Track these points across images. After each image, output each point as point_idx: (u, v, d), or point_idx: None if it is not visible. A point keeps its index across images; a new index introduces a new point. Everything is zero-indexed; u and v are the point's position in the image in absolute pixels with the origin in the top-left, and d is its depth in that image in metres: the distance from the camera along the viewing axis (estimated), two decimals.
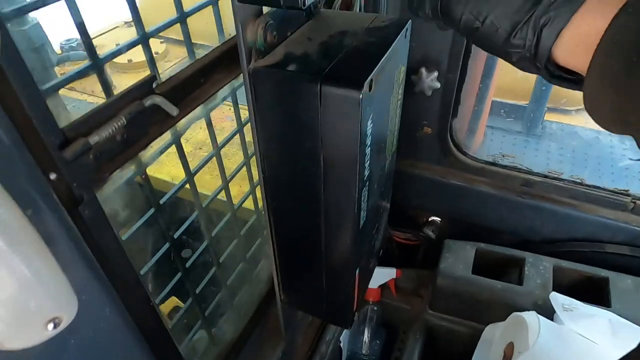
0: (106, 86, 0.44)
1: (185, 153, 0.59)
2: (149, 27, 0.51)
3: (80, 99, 2.11)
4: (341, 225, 0.58)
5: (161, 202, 0.56)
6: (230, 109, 0.69)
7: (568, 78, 0.31)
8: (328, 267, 0.65)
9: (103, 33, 2.78)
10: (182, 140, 0.59)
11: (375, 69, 0.47)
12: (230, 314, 0.82)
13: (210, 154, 0.65)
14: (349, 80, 0.45)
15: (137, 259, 0.49)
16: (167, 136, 0.55)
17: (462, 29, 0.34)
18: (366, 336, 1.09)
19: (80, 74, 0.41)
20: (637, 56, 0.24)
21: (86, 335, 0.38)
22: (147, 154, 0.49)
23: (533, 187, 1.03)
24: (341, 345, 1.06)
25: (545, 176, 1.03)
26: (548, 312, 0.86)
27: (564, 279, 1.00)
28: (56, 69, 2.19)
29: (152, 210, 0.55)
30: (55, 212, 0.34)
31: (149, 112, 0.44)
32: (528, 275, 0.97)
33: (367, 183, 0.57)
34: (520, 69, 0.33)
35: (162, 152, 0.52)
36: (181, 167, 0.59)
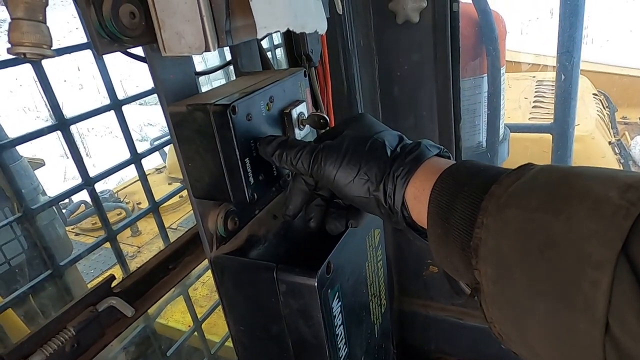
0: (67, 287, 0.45)
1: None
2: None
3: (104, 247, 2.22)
4: None
5: None
6: None
7: (418, 231, 0.40)
8: None
9: (136, 180, 3.02)
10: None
11: (333, 251, 0.46)
12: None
13: (191, 330, 0.63)
14: (304, 266, 0.44)
15: None
16: (140, 322, 0.54)
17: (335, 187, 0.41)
18: None
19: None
20: (447, 220, 0.33)
21: None
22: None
23: None
24: None
25: None
26: None
27: None
28: (89, 219, 2.34)
29: None
30: None
31: (104, 315, 0.44)
32: None
33: None
34: (382, 217, 0.41)
35: (127, 346, 0.51)
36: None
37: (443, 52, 0.81)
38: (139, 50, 0.41)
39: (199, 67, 0.61)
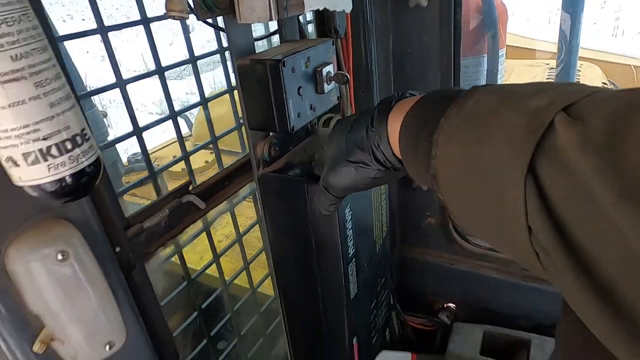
0: (158, 189, 0.63)
1: (216, 242, 0.76)
2: (198, 141, 0.71)
3: (137, 203, 2.44)
4: (334, 296, 0.70)
5: (192, 277, 0.72)
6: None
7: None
8: (328, 336, 0.76)
9: (165, 146, 3.23)
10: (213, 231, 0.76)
11: None
12: None
13: (235, 240, 0.82)
14: None
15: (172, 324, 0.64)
16: (199, 225, 0.72)
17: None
18: None
19: (141, 183, 0.61)
20: (415, 155, 0.39)
21: None
22: (183, 237, 0.67)
23: None
24: None
25: None
26: None
27: None
28: (123, 178, 2.56)
29: (185, 283, 0.71)
30: (117, 273, 0.51)
31: (185, 206, 0.63)
32: (534, 357, 0.99)
33: (354, 260, 0.70)
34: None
35: (195, 236, 0.70)
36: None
37: (447, 34, 0.96)
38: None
39: None
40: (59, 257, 0.40)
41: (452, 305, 1.27)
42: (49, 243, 0.40)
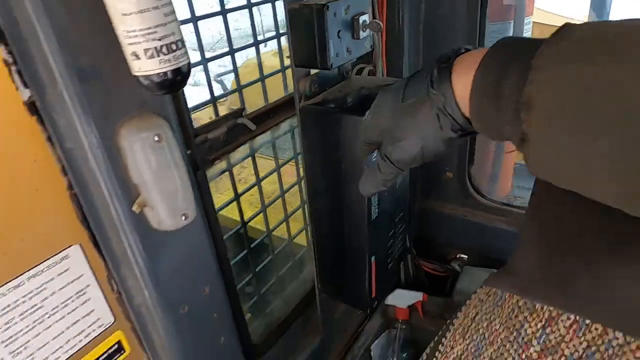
0: (216, 111, 0.76)
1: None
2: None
3: None
4: (357, 216, 0.83)
5: (239, 192, 0.85)
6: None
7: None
8: (349, 254, 0.88)
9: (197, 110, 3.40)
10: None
11: None
12: (280, 301, 1.06)
13: (274, 169, 0.94)
14: (357, 111, 0.73)
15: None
16: (247, 150, 0.85)
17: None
18: (395, 349, 1.24)
19: (205, 104, 0.74)
20: (496, 93, 0.35)
21: (188, 235, 0.65)
22: (236, 156, 0.80)
23: None
24: (372, 354, 1.22)
25: None
26: None
27: None
28: None
29: (233, 197, 0.84)
30: (190, 169, 0.64)
31: (239, 127, 0.75)
32: None
33: None
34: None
35: (244, 158, 0.83)
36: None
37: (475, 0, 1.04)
38: None
39: None
40: (155, 138, 0.54)
41: (464, 256, 1.38)
42: (148, 128, 0.54)
